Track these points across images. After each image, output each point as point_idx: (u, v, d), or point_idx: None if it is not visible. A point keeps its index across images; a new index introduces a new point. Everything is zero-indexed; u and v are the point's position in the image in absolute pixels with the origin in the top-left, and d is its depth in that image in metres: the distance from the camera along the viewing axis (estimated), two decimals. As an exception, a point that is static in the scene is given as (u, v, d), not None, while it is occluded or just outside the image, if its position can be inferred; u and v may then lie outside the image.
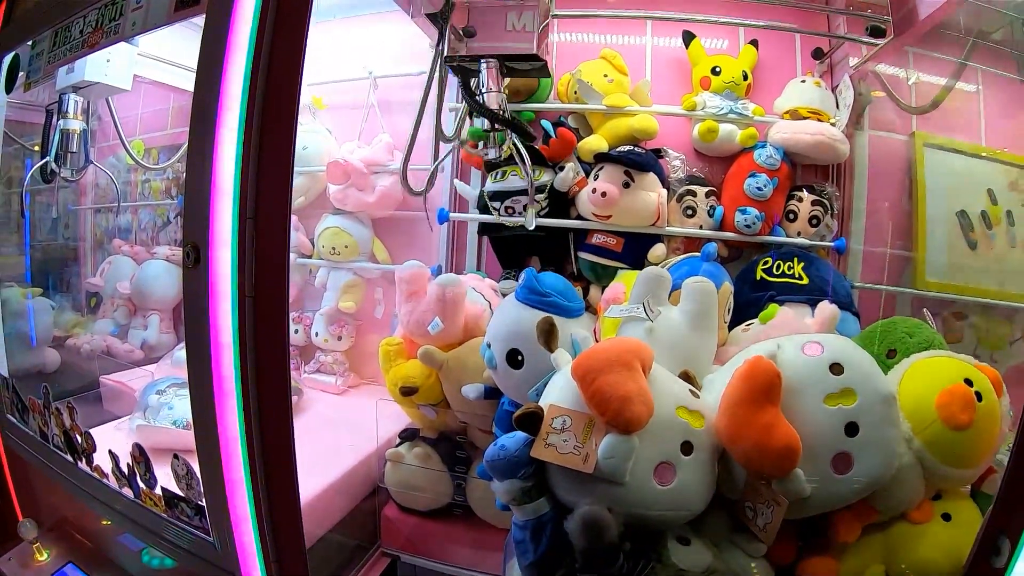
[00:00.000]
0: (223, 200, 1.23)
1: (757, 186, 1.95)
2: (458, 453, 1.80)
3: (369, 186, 2.36)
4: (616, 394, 1.08)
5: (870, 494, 1.23)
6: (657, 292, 1.47)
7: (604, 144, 2.05)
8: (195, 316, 1.28)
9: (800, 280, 1.87)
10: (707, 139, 2.03)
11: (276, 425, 1.29)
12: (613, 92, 2.07)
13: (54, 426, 1.88)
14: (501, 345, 1.50)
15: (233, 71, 1.23)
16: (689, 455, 1.17)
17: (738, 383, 1.18)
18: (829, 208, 2.02)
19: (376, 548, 1.87)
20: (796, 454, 1.13)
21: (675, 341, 1.42)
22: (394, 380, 1.76)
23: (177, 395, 1.89)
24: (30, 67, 2.02)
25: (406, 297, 1.79)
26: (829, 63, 2.19)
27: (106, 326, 2.62)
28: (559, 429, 1.12)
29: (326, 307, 2.50)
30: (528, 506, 1.17)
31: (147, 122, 2.59)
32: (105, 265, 2.71)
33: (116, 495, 1.71)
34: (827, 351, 1.24)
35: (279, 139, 1.21)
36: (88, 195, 2.75)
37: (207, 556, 1.49)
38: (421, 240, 2.48)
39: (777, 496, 1.18)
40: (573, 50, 2.25)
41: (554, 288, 1.50)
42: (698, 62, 2.15)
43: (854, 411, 1.18)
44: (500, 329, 1.53)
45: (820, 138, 1.96)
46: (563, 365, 1.26)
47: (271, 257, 1.22)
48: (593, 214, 1.98)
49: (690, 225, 2.02)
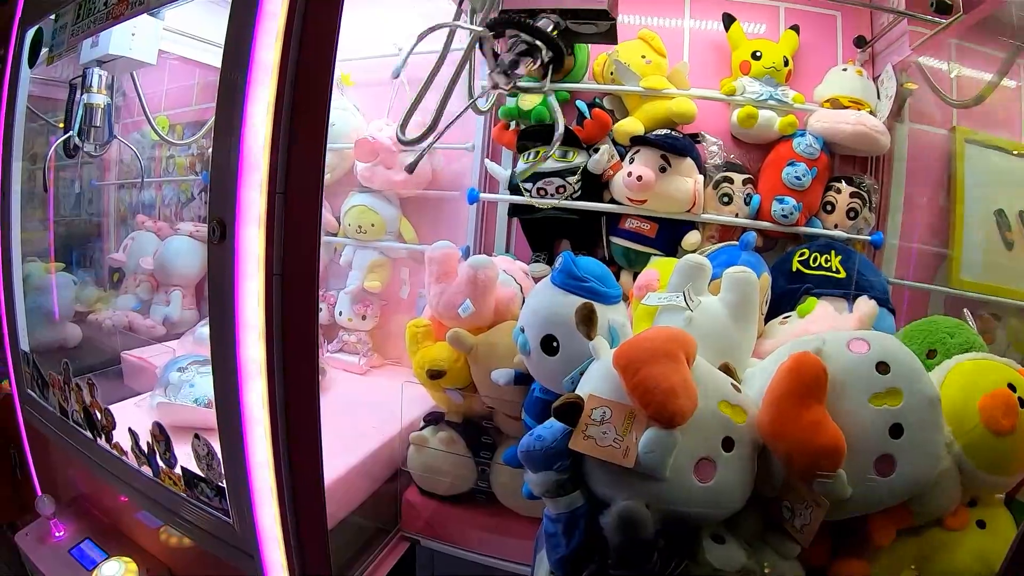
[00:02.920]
0: (251, 175, 1.19)
1: (796, 175, 1.91)
2: (483, 439, 1.77)
3: (397, 164, 2.32)
4: (660, 386, 1.03)
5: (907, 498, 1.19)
6: (697, 281, 1.43)
7: (640, 127, 2.01)
8: (220, 293, 1.25)
9: (837, 273, 1.82)
10: (746, 125, 1.98)
11: (302, 408, 1.26)
12: (651, 74, 2.02)
13: (74, 402, 1.87)
14: (536, 330, 1.45)
15: (263, 43, 1.19)
16: (730, 451, 1.13)
17: (784, 378, 1.14)
18: (867, 201, 1.98)
19: (396, 532, 1.85)
20: (841, 454, 1.08)
21: (715, 332, 1.37)
22: (421, 363, 1.73)
23: (199, 373, 1.87)
24: (53, 40, 2.00)
25: (436, 278, 1.76)
26: (871, 52, 2.13)
27: (128, 301, 2.62)
28: (598, 421, 1.08)
29: (351, 286, 2.49)
30: (562, 499, 1.13)
31: (172, 98, 2.57)
32: (128, 240, 2.70)
33: (135, 473, 1.70)
34: (873, 349, 1.19)
35: (312, 113, 1.17)
36: (112, 170, 2.74)
37: (225, 537, 1.47)
38: (449, 220, 2.46)
39: (818, 497, 1.14)
40: (611, 30, 2.18)
41: (592, 273, 1.45)
42: (738, 46, 2.09)
43: (899, 412, 1.13)
44: (535, 314, 1.48)
45: (861, 128, 1.91)
46: (602, 353, 1.21)
47: (301, 234, 1.18)
48: (627, 198, 1.95)
49: (726, 213, 1.98)
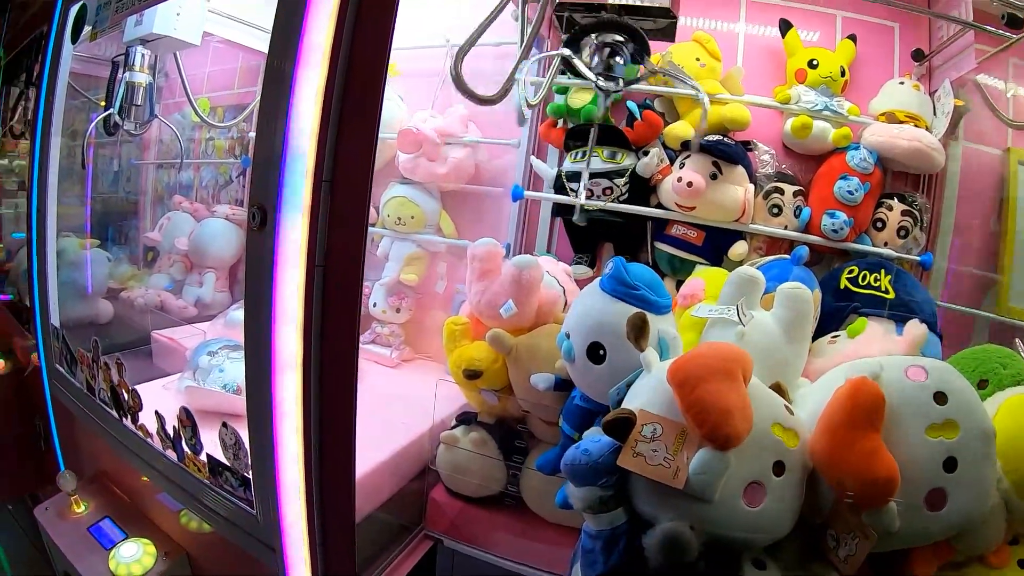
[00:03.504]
0: (296, 162, 1.16)
1: (848, 189, 1.85)
2: (516, 442, 1.74)
3: (440, 157, 2.29)
4: (717, 406, 0.99)
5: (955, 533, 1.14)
6: (750, 295, 1.38)
7: (691, 131, 1.96)
8: (258, 281, 1.23)
9: (886, 294, 1.77)
10: (800, 135, 1.92)
11: (338, 404, 1.23)
12: (704, 78, 1.97)
13: (101, 380, 1.87)
14: (582, 337, 1.41)
15: (314, 25, 1.15)
16: (780, 476, 1.09)
17: (841, 404, 1.09)
18: (919, 220, 1.91)
19: (420, 530, 1.83)
20: (895, 486, 1.04)
21: (767, 349, 1.32)
22: (458, 362, 1.70)
23: (229, 358, 1.85)
24: (97, 17, 2.00)
25: (478, 276, 1.72)
26: (928, 66, 2.06)
27: (161, 280, 2.63)
28: (649, 438, 1.04)
29: (387, 277, 2.46)
30: (604, 515, 1.09)
31: (214, 80, 2.58)
32: (164, 220, 2.72)
33: (159, 455, 1.69)
34: (932, 378, 1.14)
35: (365, 101, 1.14)
36: (151, 150, 2.76)
37: (247, 527, 1.46)
38: (491, 216, 2.43)
39: (866, 528, 1.09)
40: (664, 31, 2.14)
41: (643, 280, 1.40)
42: (794, 53, 2.03)
43: (955, 445, 1.09)
44: (582, 320, 1.43)
45: (917, 145, 1.85)
46: (654, 367, 1.17)
47: (348, 226, 1.15)
48: (676, 204, 1.91)
49: (775, 224, 1.93)
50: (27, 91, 2.62)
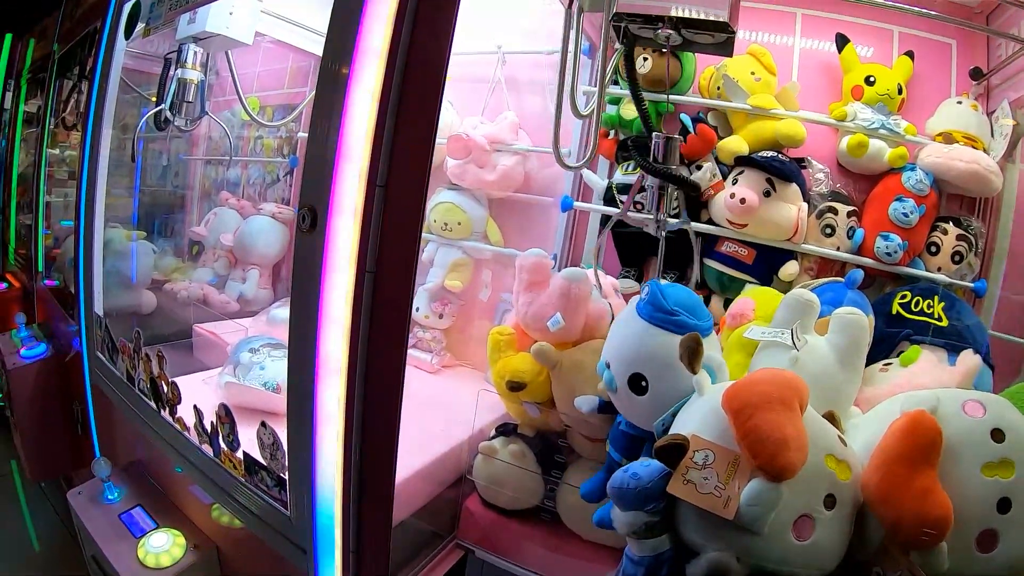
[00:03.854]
0: (348, 165, 1.15)
1: (904, 212, 1.79)
2: (555, 456, 1.71)
3: (490, 164, 2.28)
4: (773, 437, 0.96)
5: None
6: (805, 318, 1.34)
7: (745, 147, 1.92)
8: (305, 282, 1.23)
9: (939, 321, 1.70)
10: (856, 154, 1.87)
11: (382, 413, 1.22)
12: (759, 92, 1.93)
13: (141, 371, 1.89)
14: (623, 368, 1.36)
15: (371, 28, 1.14)
16: (831, 510, 1.05)
17: (897, 439, 1.06)
18: (974, 245, 1.85)
19: (451, 539, 1.80)
20: (948, 526, 0.99)
21: (820, 376, 1.28)
22: (501, 373, 1.68)
23: (271, 356, 1.86)
24: (151, 14, 2.04)
25: (526, 287, 1.70)
26: (986, 85, 1.99)
27: (205, 274, 2.67)
28: (700, 465, 1.01)
29: (431, 283, 2.45)
30: (648, 541, 1.06)
31: (264, 80, 2.62)
32: (211, 216, 2.76)
33: (195, 449, 1.70)
34: (989, 414, 1.10)
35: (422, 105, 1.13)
36: (200, 146, 2.80)
37: (279, 527, 1.46)
38: (538, 226, 2.41)
39: (914, 567, 1.05)
40: (718, 43, 2.11)
41: (682, 304, 1.34)
42: (851, 69, 1.97)
43: (1010, 485, 1.04)
44: (621, 349, 1.39)
45: (975, 167, 1.77)
46: (706, 391, 1.14)
47: (401, 231, 1.14)
48: (727, 220, 1.87)
49: (827, 245, 1.87)
50: (80, 84, 2.67)
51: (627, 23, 1.38)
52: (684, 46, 1.43)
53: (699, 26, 1.36)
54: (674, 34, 1.37)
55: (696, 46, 1.45)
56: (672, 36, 1.37)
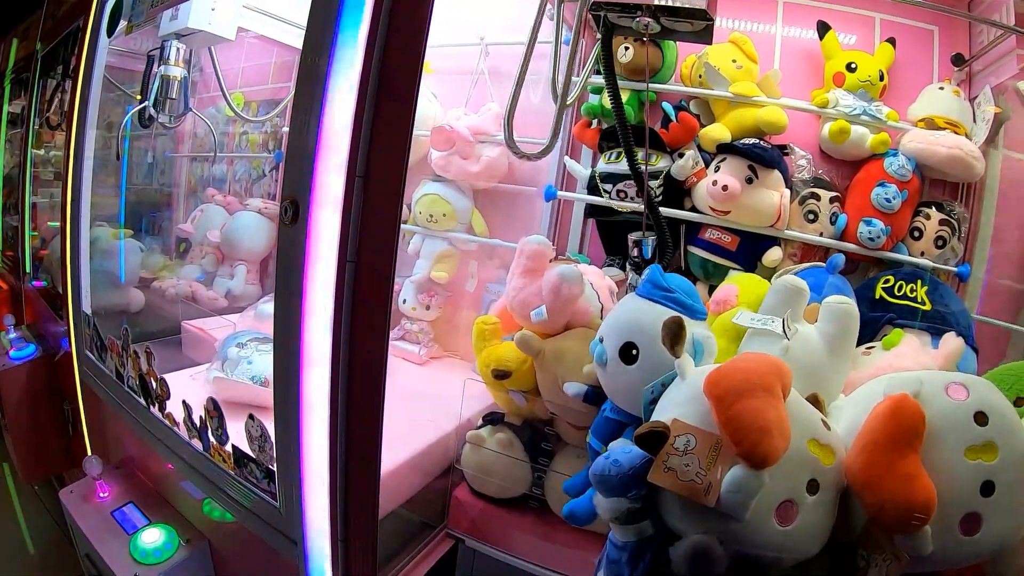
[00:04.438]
0: (329, 156, 1.15)
1: (886, 197, 1.81)
2: (543, 444, 1.72)
3: (474, 155, 2.29)
4: (755, 424, 0.96)
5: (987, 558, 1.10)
6: (795, 307, 1.34)
7: (727, 134, 1.93)
8: (288, 275, 1.23)
9: (922, 305, 1.71)
10: (837, 140, 1.88)
11: (366, 401, 1.23)
12: (741, 80, 1.93)
13: (130, 368, 1.89)
14: (615, 339, 1.38)
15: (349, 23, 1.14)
16: (814, 495, 1.05)
17: (880, 423, 1.06)
18: (957, 230, 1.87)
19: (441, 528, 1.82)
20: (932, 510, 1.00)
21: (811, 364, 1.29)
22: (487, 361, 1.69)
23: (258, 350, 1.87)
24: (133, 11, 2.03)
25: (521, 271, 1.69)
26: (968, 71, 2.01)
27: (192, 271, 2.66)
28: (681, 451, 1.01)
29: (417, 275, 2.46)
30: (631, 527, 1.07)
31: (248, 75, 2.61)
32: (197, 212, 2.75)
33: (185, 444, 1.70)
34: (972, 397, 1.10)
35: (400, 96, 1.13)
36: (185, 143, 2.80)
37: (269, 519, 1.46)
38: (523, 215, 2.42)
39: (898, 550, 1.05)
40: (700, 32, 2.11)
41: (679, 286, 1.39)
42: (832, 56, 1.99)
43: (993, 469, 1.05)
44: (616, 323, 1.41)
45: (957, 152, 1.80)
46: (688, 374, 1.14)
47: (380, 222, 1.15)
48: (710, 208, 1.88)
49: (810, 231, 1.89)
50: (64, 83, 2.66)
51: (605, 12, 1.38)
52: (663, 34, 1.44)
53: (678, 14, 1.37)
54: (652, 22, 1.37)
55: (676, 34, 1.46)
56: (651, 24, 1.37)
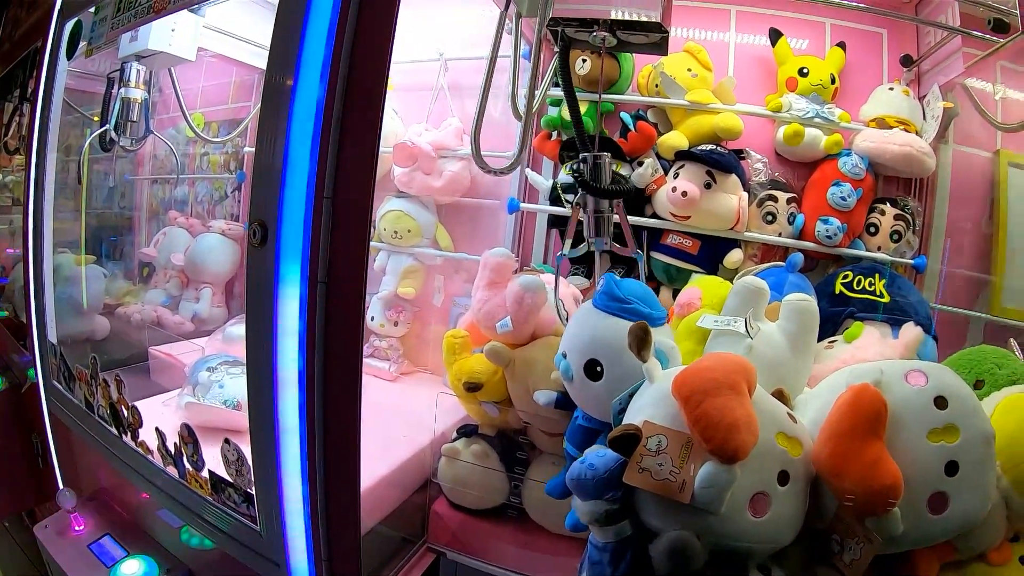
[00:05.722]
0: (295, 178, 1.16)
1: (841, 196, 1.87)
2: (518, 454, 1.73)
3: (436, 170, 2.30)
4: (723, 421, 0.99)
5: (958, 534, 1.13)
6: (756, 306, 1.37)
7: (685, 141, 1.98)
8: (258, 298, 1.23)
9: (881, 298, 1.76)
10: (792, 143, 1.94)
11: (342, 421, 1.23)
12: (696, 88, 1.98)
13: (100, 397, 1.86)
14: (579, 355, 1.38)
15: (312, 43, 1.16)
16: (785, 485, 1.08)
17: (843, 412, 1.09)
18: (911, 224, 1.94)
19: (422, 543, 1.81)
20: (899, 494, 1.03)
21: (774, 361, 1.31)
22: (458, 374, 1.69)
23: (228, 373, 1.85)
24: (92, 33, 2.00)
25: (485, 284, 1.71)
26: (917, 71, 2.08)
27: (157, 296, 2.62)
28: (654, 451, 1.03)
29: (384, 291, 2.46)
30: (610, 528, 1.09)
31: (208, 95, 2.58)
32: (160, 236, 2.71)
33: (159, 472, 1.68)
34: (932, 382, 1.14)
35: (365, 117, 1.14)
36: (146, 165, 2.76)
37: (250, 543, 1.45)
38: (487, 228, 2.43)
39: (871, 534, 1.09)
40: (656, 42, 2.15)
41: (635, 294, 1.39)
42: (784, 61, 2.05)
43: (955, 449, 1.08)
44: (577, 338, 1.41)
45: (908, 150, 1.86)
46: (657, 378, 1.17)
47: (349, 241, 1.16)
48: (671, 214, 1.92)
49: (769, 232, 1.94)
50: (22, 107, 2.62)
51: (563, 27, 1.40)
52: (620, 47, 1.45)
53: (633, 27, 1.39)
54: (609, 36, 1.40)
55: (632, 46, 1.48)
56: (607, 38, 1.40)
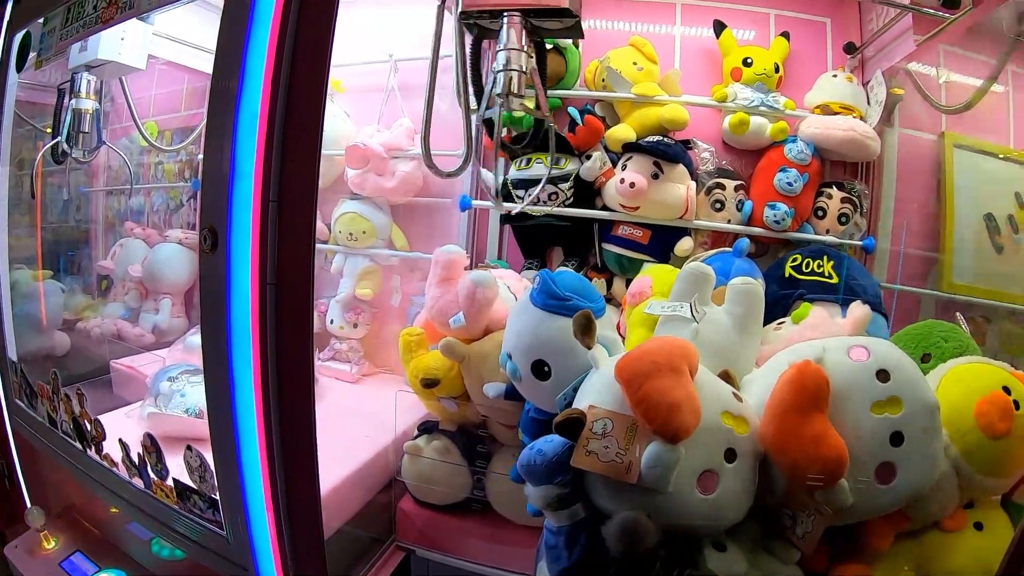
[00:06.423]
0: (243, 183, 1.17)
1: (787, 181, 1.91)
2: (478, 447, 1.75)
3: (388, 171, 2.30)
4: (664, 401, 1.02)
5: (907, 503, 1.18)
6: (702, 291, 1.40)
7: (632, 134, 2.00)
8: (212, 303, 1.24)
9: (830, 279, 1.82)
10: (738, 132, 1.98)
11: (297, 419, 1.24)
12: (642, 81, 2.01)
13: (63, 412, 1.85)
14: (524, 357, 1.40)
15: (255, 48, 1.17)
16: (732, 463, 1.12)
17: (786, 389, 1.13)
18: (858, 206, 1.98)
19: (391, 542, 1.83)
20: (844, 466, 1.08)
21: (721, 344, 1.36)
22: (415, 372, 1.71)
23: (189, 382, 1.84)
24: (42, 44, 1.98)
25: (438, 281, 1.73)
26: (861, 58, 2.13)
27: (117, 309, 2.59)
28: (600, 434, 1.07)
29: (342, 294, 2.46)
30: (563, 512, 1.12)
31: (160, 103, 2.55)
32: (117, 248, 2.67)
33: (125, 484, 1.68)
34: (874, 357, 1.19)
35: (306, 120, 1.16)
36: (100, 177, 2.72)
37: (219, 550, 1.46)
38: (441, 227, 2.44)
39: (820, 506, 1.14)
40: (602, 37, 2.18)
41: (573, 289, 1.41)
42: (729, 52, 2.09)
43: (900, 420, 1.13)
44: (520, 339, 1.43)
45: (851, 134, 1.91)
46: (602, 364, 1.20)
47: (296, 243, 1.17)
48: (620, 205, 1.94)
49: (718, 219, 1.98)
50: (-30, 121, 2.56)
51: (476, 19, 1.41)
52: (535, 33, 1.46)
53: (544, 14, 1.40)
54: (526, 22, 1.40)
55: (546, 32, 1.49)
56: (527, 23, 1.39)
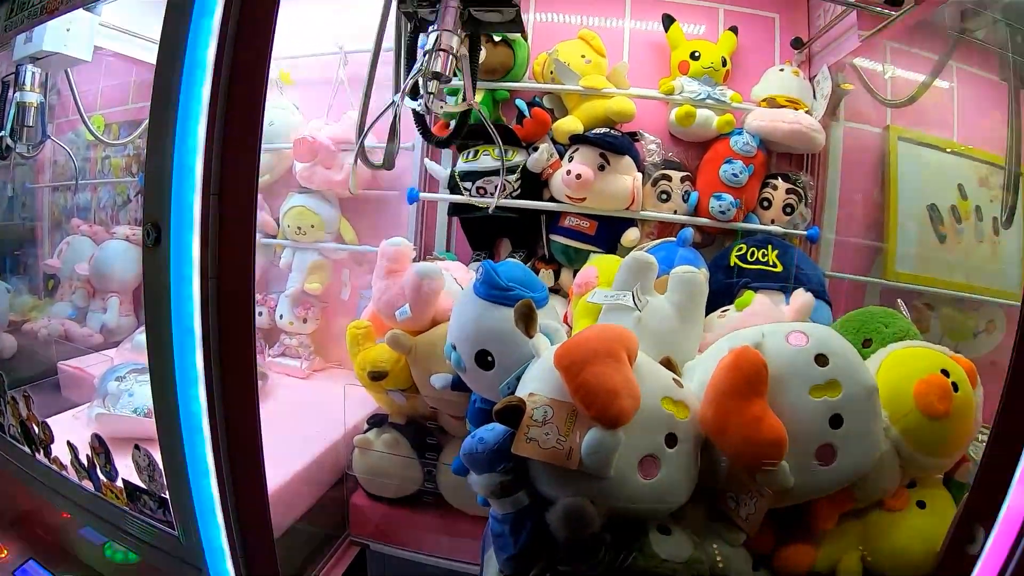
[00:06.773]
0: (186, 177, 1.16)
1: (733, 173, 1.96)
2: (428, 439, 1.76)
3: (337, 164, 2.30)
4: (603, 387, 1.04)
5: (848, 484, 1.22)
6: (644, 279, 1.43)
7: (579, 126, 2.03)
8: (156, 299, 1.22)
9: (774, 267, 1.87)
10: (684, 124, 2.02)
11: (242, 414, 1.23)
12: (590, 73, 2.03)
13: (10, 416, 1.80)
14: (468, 347, 1.42)
15: (199, 41, 1.16)
16: (673, 447, 1.14)
17: (724, 374, 1.15)
18: (803, 197, 2.03)
19: (345, 537, 1.83)
20: (783, 448, 1.10)
21: (663, 331, 1.38)
22: (362, 365, 1.71)
23: (138, 381, 1.82)
24: (-15, 36, 1.92)
25: (384, 273, 1.73)
26: (807, 53, 2.19)
27: (64, 309, 2.53)
28: (540, 421, 1.08)
29: (291, 289, 2.45)
30: (507, 499, 1.13)
31: (107, 96, 2.49)
32: (63, 246, 2.61)
33: (76, 488, 1.65)
34: (812, 341, 1.22)
35: (246, 113, 1.15)
36: (46, 172, 2.65)
37: (171, 550, 1.44)
38: (390, 219, 2.44)
39: (762, 487, 1.16)
40: (550, 30, 2.22)
41: (515, 279, 1.42)
42: (677, 46, 2.12)
43: (839, 403, 1.16)
44: (464, 330, 1.44)
45: (797, 127, 1.96)
46: (543, 352, 1.22)
47: (236, 236, 1.16)
48: (567, 196, 1.96)
49: (664, 210, 2.02)
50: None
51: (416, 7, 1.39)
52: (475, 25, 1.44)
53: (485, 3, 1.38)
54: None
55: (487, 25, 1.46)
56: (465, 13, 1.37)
